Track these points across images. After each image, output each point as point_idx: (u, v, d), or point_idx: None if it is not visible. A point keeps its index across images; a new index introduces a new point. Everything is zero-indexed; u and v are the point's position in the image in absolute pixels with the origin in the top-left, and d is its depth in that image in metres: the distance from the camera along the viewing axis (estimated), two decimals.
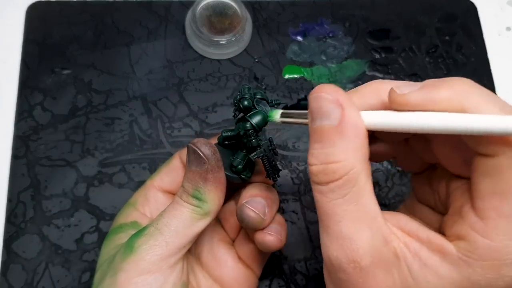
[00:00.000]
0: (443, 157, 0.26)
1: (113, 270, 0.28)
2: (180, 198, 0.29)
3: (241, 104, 0.29)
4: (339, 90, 0.24)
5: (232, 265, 0.33)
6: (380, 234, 0.23)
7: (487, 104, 0.22)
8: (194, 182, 0.29)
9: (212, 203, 0.29)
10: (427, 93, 0.22)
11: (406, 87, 0.23)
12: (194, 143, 0.29)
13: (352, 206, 0.23)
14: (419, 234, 0.24)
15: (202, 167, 0.29)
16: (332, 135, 0.23)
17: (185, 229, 0.29)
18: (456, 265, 0.23)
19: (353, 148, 0.23)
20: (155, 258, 0.28)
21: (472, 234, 0.22)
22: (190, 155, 0.29)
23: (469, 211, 0.23)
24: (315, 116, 0.24)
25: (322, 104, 0.23)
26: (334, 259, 0.24)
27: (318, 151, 0.24)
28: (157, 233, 0.29)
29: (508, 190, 0.22)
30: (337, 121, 0.23)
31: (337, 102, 0.23)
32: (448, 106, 0.22)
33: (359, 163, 0.23)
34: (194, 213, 0.29)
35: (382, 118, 0.24)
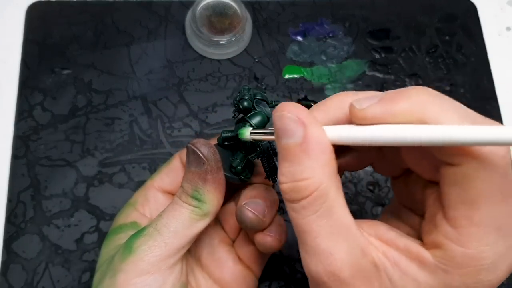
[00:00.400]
0: (413, 164, 0.26)
1: (112, 271, 0.28)
2: (179, 199, 0.29)
3: (241, 105, 0.29)
4: (299, 107, 0.24)
5: (232, 266, 0.33)
6: (357, 245, 0.23)
7: (446, 113, 0.22)
8: (193, 183, 0.29)
9: (211, 204, 0.29)
10: (385, 106, 0.22)
11: (366, 101, 0.23)
12: (193, 143, 0.29)
13: (326, 221, 0.23)
14: (397, 243, 0.24)
15: (201, 167, 0.29)
16: (297, 153, 0.23)
17: (184, 229, 0.29)
18: (434, 273, 0.23)
19: (319, 165, 0.23)
20: (154, 259, 0.28)
21: (447, 242, 0.22)
22: (189, 156, 0.29)
23: (442, 220, 0.23)
24: (280, 134, 0.24)
25: (284, 123, 0.24)
26: (314, 274, 0.24)
27: (286, 169, 0.24)
28: (156, 234, 0.28)
29: (476, 198, 0.22)
30: (301, 139, 0.23)
31: (299, 121, 0.23)
32: (406, 118, 0.22)
33: (327, 178, 0.23)
34: (193, 214, 0.29)
35: (345, 133, 0.24)
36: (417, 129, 0.21)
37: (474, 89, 0.46)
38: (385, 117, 0.22)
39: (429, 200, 0.25)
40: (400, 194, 0.29)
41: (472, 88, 0.46)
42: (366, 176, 0.42)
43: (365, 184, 0.42)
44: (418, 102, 0.22)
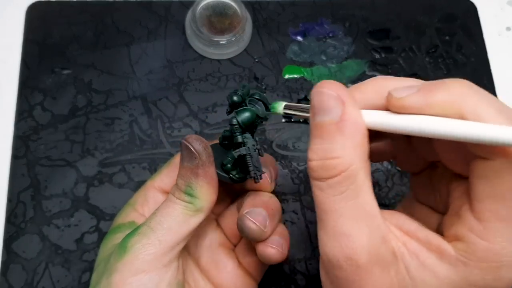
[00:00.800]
0: (445, 155, 0.25)
1: (108, 271, 0.28)
2: (173, 195, 0.29)
3: (230, 98, 0.29)
4: (341, 86, 0.24)
5: (232, 271, 0.33)
6: (379, 232, 0.23)
7: (484, 107, 0.22)
8: (186, 178, 0.29)
9: (203, 199, 0.29)
10: (423, 97, 0.22)
11: (404, 91, 0.23)
12: (186, 139, 0.29)
13: (351, 203, 0.23)
14: (417, 234, 0.24)
15: (193, 162, 0.29)
16: (332, 131, 0.23)
17: (178, 226, 0.29)
18: (454, 265, 0.23)
19: (352, 145, 0.23)
20: (148, 257, 0.28)
21: (470, 235, 0.22)
22: (182, 151, 0.29)
23: (467, 213, 0.23)
24: (316, 111, 0.24)
25: (323, 99, 0.23)
26: (331, 256, 0.23)
27: (317, 146, 0.24)
28: (149, 232, 0.28)
29: (505, 193, 0.22)
30: (338, 117, 0.23)
31: (339, 98, 0.23)
32: (444, 110, 0.22)
33: (359, 160, 0.23)
34: (186, 210, 0.29)
35: (381, 119, 0.24)
36: (453, 123, 0.21)
37: None
38: (423, 107, 0.22)
39: (454, 193, 0.25)
40: (419, 190, 0.29)
41: None
42: None
43: None
44: (456, 94, 0.22)
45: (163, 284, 0.28)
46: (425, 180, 0.28)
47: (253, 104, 0.30)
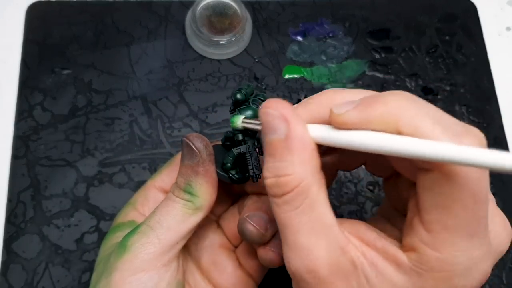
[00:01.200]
0: (397, 164, 0.26)
1: (108, 270, 0.28)
2: (173, 194, 0.29)
3: (233, 96, 0.29)
4: (285, 104, 0.24)
5: (232, 272, 0.33)
6: (337, 243, 0.23)
7: (420, 118, 0.22)
8: (186, 176, 0.29)
9: (203, 198, 0.29)
10: (361, 112, 0.23)
11: (344, 106, 0.23)
12: (187, 136, 0.29)
13: (307, 217, 0.23)
14: (376, 244, 0.24)
15: (193, 160, 0.29)
16: (281, 149, 0.24)
17: (177, 225, 0.29)
18: (409, 275, 0.23)
19: (301, 161, 0.23)
20: (148, 256, 0.28)
21: (421, 246, 0.23)
22: (183, 149, 0.29)
23: (417, 223, 0.23)
24: (264, 130, 0.24)
25: (269, 119, 0.24)
26: (294, 270, 0.24)
27: (270, 164, 0.24)
28: (149, 230, 0.28)
29: (449, 203, 0.22)
30: (284, 135, 0.23)
31: (283, 117, 0.24)
32: (382, 125, 0.22)
33: (310, 175, 0.23)
34: (185, 208, 0.29)
35: (325, 134, 0.24)
36: (387, 139, 0.22)
37: (474, 89, 0.46)
38: (362, 123, 0.22)
39: (411, 202, 0.25)
40: (390, 195, 0.29)
41: (472, 88, 0.46)
42: (366, 176, 0.42)
43: (365, 184, 0.42)
44: (393, 108, 0.22)
45: (163, 284, 0.28)
46: (393, 185, 0.28)
47: (256, 104, 0.30)
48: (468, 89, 0.46)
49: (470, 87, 0.46)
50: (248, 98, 0.30)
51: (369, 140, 0.22)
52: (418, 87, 0.46)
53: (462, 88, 0.46)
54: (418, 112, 0.22)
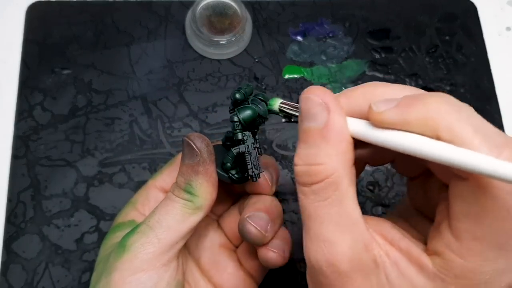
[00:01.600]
0: (433, 166, 0.25)
1: (108, 270, 0.28)
2: (172, 193, 0.29)
3: (232, 96, 0.29)
4: (328, 92, 0.24)
5: (233, 272, 0.33)
6: (361, 240, 0.23)
7: (461, 125, 0.21)
8: (186, 176, 0.29)
9: (203, 197, 0.29)
10: (400, 113, 0.22)
11: (383, 104, 0.23)
12: (188, 136, 0.29)
13: (334, 210, 0.23)
14: (400, 244, 0.24)
15: (194, 159, 0.29)
16: (317, 137, 0.23)
17: (177, 224, 0.29)
18: (432, 280, 0.23)
19: (336, 153, 0.23)
20: (147, 256, 0.28)
21: (447, 252, 0.22)
22: (184, 149, 0.29)
23: (446, 229, 0.23)
24: (303, 116, 0.24)
25: (309, 105, 0.24)
26: (314, 262, 0.24)
27: (303, 151, 0.24)
28: (148, 230, 0.28)
29: (481, 213, 0.21)
30: (323, 124, 0.23)
31: (325, 105, 0.23)
32: (420, 128, 0.22)
33: (342, 168, 0.23)
34: (185, 208, 0.29)
35: (364, 129, 0.24)
36: (426, 144, 0.21)
37: (474, 89, 0.46)
38: (400, 123, 0.22)
39: (440, 205, 0.24)
40: (415, 196, 0.29)
41: (472, 88, 0.46)
42: (366, 176, 0.42)
43: (365, 184, 0.42)
44: (433, 111, 0.22)
45: (162, 284, 0.28)
46: (420, 186, 0.28)
47: (255, 103, 0.30)
48: (468, 89, 0.46)
49: (470, 87, 0.46)
50: (247, 98, 0.30)
51: (406, 143, 0.22)
52: (418, 87, 0.45)
53: (462, 88, 0.46)
54: (458, 117, 0.22)
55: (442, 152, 0.21)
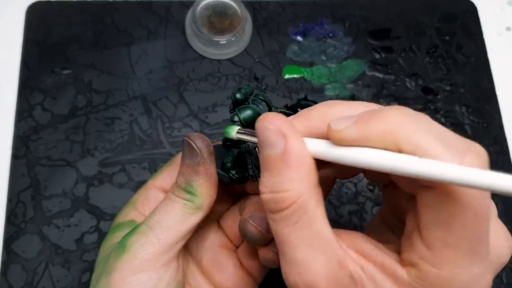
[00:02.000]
0: (396, 179, 0.25)
1: (107, 270, 0.28)
2: (172, 193, 0.29)
3: (233, 96, 0.29)
4: (282, 119, 0.24)
5: (233, 272, 0.33)
6: (335, 257, 0.23)
7: (421, 135, 0.21)
8: (186, 175, 0.29)
9: (203, 197, 0.29)
10: (360, 128, 0.22)
11: (342, 122, 0.23)
12: (188, 136, 0.29)
13: (305, 233, 0.23)
14: (374, 257, 0.24)
15: (194, 159, 0.29)
16: (278, 164, 0.23)
17: (177, 224, 0.29)
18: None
19: (299, 177, 0.23)
20: (147, 256, 0.28)
21: (421, 262, 0.22)
22: (184, 149, 0.29)
23: (417, 239, 0.23)
24: (261, 145, 0.24)
25: (265, 134, 0.24)
26: (293, 284, 0.24)
27: (267, 179, 0.24)
28: (148, 230, 0.28)
29: (450, 220, 0.21)
30: (281, 151, 0.23)
31: (280, 132, 0.23)
32: (381, 142, 0.22)
33: (307, 191, 0.23)
34: (186, 208, 0.29)
35: (323, 149, 0.23)
36: (389, 158, 0.21)
37: (474, 89, 0.46)
38: (360, 140, 0.22)
39: (409, 215, 0.24)
40: (388, 203, 0.29)
41: (472, 88, 0.46)
42: None
43: (365, 184, 0.42)
44: (392, 124, 0.22)
45: (162, 284, 0.28)
46: (391, 194, 0.28)
47: (256, 103, 0.30)
48: (468, 89, 0.46)
49: (470, 87, 0.46)
50: (248, 98, 0.30)
51: (368, 158, 0.22)
52: (418, 87, 0.46)
53: (462, 88, 0.46)
54: (418, 128, 0.21)
55: (405, 164, 0.21)
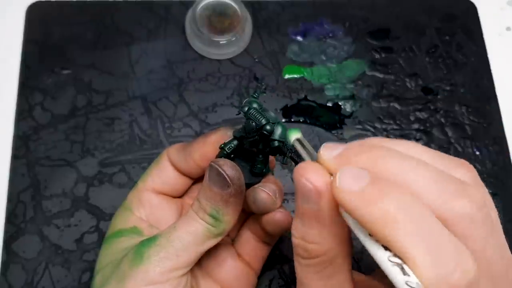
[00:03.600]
0: None
1: (120, 276, 0.29)
2: (196, 214, 0.29)
3: (265, 131, 0.28)
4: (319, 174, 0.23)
5: (232, 264, 0.33)
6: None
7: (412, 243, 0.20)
8: (214, 202, 0.29)
9: (227, 224, 0.30)
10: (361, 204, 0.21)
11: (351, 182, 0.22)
12: (219, 164, 0.28)
13: (324, 283, 0.24)
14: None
15: (225, 189, 0.29)
16: (311, 218, 0.23)
17: (197, 245, 0.29)
18: None
19: (330, 234, 0.23)
20: (164, 269, 0.28)
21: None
22: (212, 175, 0.29)
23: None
24: (297, 194, 0.24)
25: (302, 188, 0.23)
26: None
27: (299, 225, 0.24)
28: (168, 246, 0.29)
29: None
30: (316, 207, 0.23)
31: (316, 191, 0.23)
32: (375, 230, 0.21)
33: (337, 246, 0.23)
34: (208, 232, 0.29)
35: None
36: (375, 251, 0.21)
37: (474, 89, 0.46)
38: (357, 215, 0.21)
39: None
40: None
41: (472, 88, 0.46)
42: None
43: None
44: (389, 220, 0.21)
45: None
46: None
47: (265, 115, 0.29)
48: (468, 89, 0.46)
49: (470, 87, 0.46)
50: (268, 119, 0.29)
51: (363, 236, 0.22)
52: (418, 87, 0.46)
53: (462, 88, 0.46)
54: (414, 231, 0.20)
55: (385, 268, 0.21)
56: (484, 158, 0.43)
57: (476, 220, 0.22)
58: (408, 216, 0.20)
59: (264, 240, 0.34)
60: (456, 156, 0.43)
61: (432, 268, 0.20)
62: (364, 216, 0.21)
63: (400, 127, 0.44)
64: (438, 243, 0.20)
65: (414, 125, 0.44)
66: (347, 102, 0.45)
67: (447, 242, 0.20)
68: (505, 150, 0.44)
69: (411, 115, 0.44)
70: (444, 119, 0.44)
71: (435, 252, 0.20)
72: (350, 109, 0.44)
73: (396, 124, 0.44)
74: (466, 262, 0.20)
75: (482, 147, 0.44)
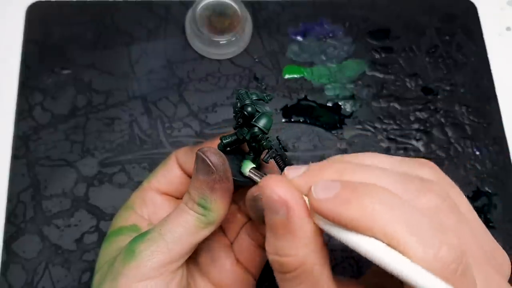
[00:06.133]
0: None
1: (114, 274, 0.28)
2: (186, 205, 0.29)
3: (245, 111, 0.29)
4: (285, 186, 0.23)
5: (230, 268, 0.33)
6: None
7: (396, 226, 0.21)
8: (200, 191, 0.29)
9: (217, 213, 0.29)
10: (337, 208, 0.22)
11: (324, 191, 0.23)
12: (203, 151, 0.29)
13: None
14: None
15: (210, 176, 0.29)
16: (282, 229, 0.23)
17: (189, 236, 0.29)
18: None
19: (302, 243, 0.23)
20: (156, 264, 0.28)
21: None
22: (198, 163, 0.29)
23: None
24: (266, 208, 0.24)
25: (269, 200, 0.23)
26: None
27: (272, 240, 0.24)
28: (159, 239, 0.28)
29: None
30: (285, 217, 0.23)
31: (282, 202, 0.23)
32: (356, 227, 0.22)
33: (312, 255, 0.23)
34: (198, 221, 0.29)
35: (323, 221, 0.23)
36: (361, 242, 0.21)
37: (474, 89, 0.46)
38: (335, 218, 0.22)
39: None
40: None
41: (472, 88, 0.46)
42: None
43: None
44: (368, 212, 0.22)
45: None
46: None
47: (259, 107, 0.29)
48: (468, 89, 0.46)
49: (470, 87, 0.46)
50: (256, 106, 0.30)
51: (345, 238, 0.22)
52: (418, 87, 0.46)
53: (462, 88, 0.46)
54: (394, 218, 0.21)
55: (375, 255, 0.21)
56: (484, 158, 0.43)
57: (443, 210, 0.23)
58: (384, 205, 0.21)
59: (263, 245, 0.34)
60: (456, 156, 0.43)
61: (420, 247, 0.20)
62: (343, 216, 0.22)
63: (400, 127, 0.44)
64: (419, 224, 0.21)
65: (414, 125, 0.44)
66: (347, 102, 0.45)
67: (427, 223, 0.21)
68: (505, 150, 0.44)
69: (411, 115, 0.45)
70: (444, 119, 0.44)
71: (418, 232, 0.21)
72: (350, 109, 0.44)
73: (396, 124, 0.44)
74: (451, 238, 0.21)
75: (482, 147, 0.44)
